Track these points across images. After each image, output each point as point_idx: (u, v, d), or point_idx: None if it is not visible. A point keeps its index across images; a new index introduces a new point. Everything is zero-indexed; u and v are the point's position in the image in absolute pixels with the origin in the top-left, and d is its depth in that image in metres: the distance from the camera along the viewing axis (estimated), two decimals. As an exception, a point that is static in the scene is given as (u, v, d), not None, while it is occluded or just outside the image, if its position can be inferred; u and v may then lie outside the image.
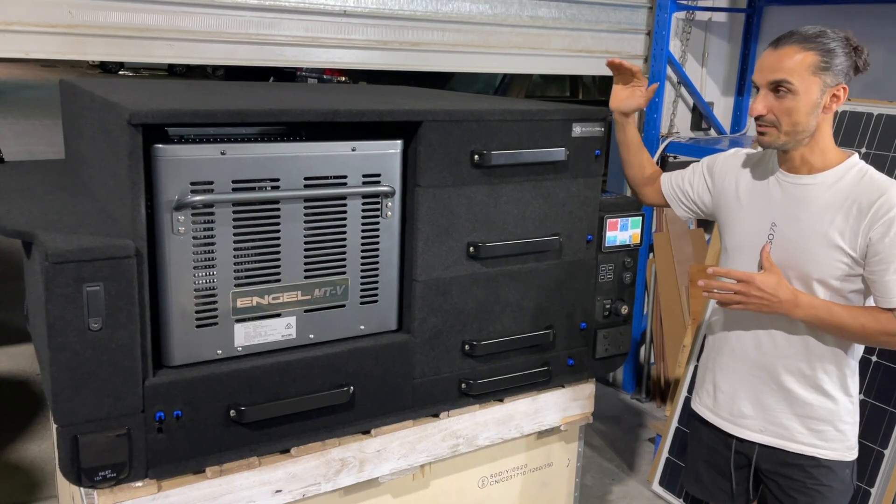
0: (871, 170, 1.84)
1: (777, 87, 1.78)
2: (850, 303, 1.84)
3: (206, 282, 1.72)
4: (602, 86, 8.27)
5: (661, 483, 3.34)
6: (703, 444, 2.16)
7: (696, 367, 3.27)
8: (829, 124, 1.85)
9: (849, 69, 1.80)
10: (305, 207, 1.80)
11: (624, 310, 2.33)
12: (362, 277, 1.93)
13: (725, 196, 2.05)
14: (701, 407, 2.14)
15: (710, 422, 2.11)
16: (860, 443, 2.00)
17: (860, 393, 2.70)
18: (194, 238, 1.68)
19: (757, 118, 1.83)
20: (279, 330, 1.84)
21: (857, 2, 3.59)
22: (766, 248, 1.87)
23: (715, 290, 1.84)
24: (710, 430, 2.12)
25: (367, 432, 1.99)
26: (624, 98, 2.17)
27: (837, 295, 1.84)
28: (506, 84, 8.16)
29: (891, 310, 1.77)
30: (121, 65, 20.79)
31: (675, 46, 4.10)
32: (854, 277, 1.82)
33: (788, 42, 1.79)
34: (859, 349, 1.95)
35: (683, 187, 2.17)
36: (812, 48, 1.77)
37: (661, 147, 4.00)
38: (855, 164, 1.84)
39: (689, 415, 2.22)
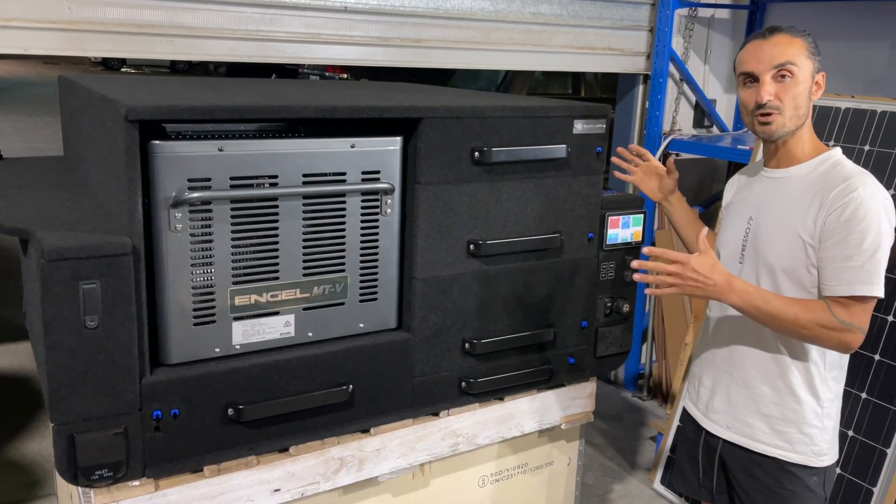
0: (846, 161, 1.83)
1: (781, 72, 1.79)
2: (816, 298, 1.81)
3: (204, 279, 1.70)
4: (604, 83, 8.25)
5: (663, 482, 3.33)
6: (686, 438, 2.17)
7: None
8: (810, 115, 1.87)
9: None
10: (304, 205, 1.79)
11: (625, 308, 2.32)
12: (361, 275, 1.92)
13: (726, 206, 2.10)
14: (687, 400, 2.16)
15: (690, 413, 2.13)
16: (862, 442, 1.98)
17: (863, 391, 2.69)
18: (192, 235, 1.67)
19: (759, 107, 1.81)
20: (278, 328, 1.82)
21: (860, -2, 3.57)
22: (703, 232, 1.81)
23: (651, 274, 1.76)
24: (691, 422, 2.13)
25: (366, 431, 1.97)
26: (657, 186, 2.24)
27: (802, 289, 1.82)
28: (508, 81, 8.16)
29: (832, 299, 1.74)
30: (123, 62, 20.80)
31: (677, 43, 4.08)
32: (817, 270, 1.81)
33: (777, 32, 1.81)
34: (832, 353, 1.87)
35: None
36: (799, 35, 1.81)
37: (664, 144, 3.99)
38: (831, 157, 1.84)
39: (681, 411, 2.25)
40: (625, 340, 2.37)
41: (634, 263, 1.79)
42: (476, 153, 1.94)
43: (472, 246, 2.00)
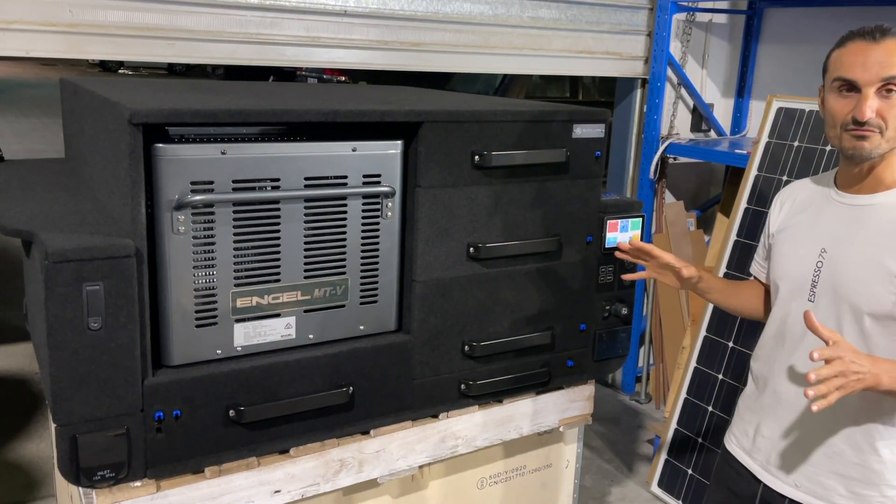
0: None
1: (888, 86, 1.55)
2: None
3: (206, 281, 1.71)
4: (602, 87, 8.27)
5: (660, 484, 3.34)
6: (725, 488, 1.93)
7: (695, 369, 3.27)
8: None
9: None
10: (305, 207, 1.80)
11: (623, 311, 2.33)
12: (362, 278, 1.93)
13: (780, 230, 1.84)
14: (736, 447, 1.91)
15: (743, 463, 1.88)
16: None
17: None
18: (194, 238, 1.68)
19: (857, 123, 1.58)
20: (279, 330, 1.83)
21: (858, 4, 3.59)
22: (809, 313, 1.53)
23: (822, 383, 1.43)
24: (741, 473, 1.88)
25: (366, 433, 1.98)
26: (674, 279, 1.94)
27: (889, 336, 1.61)
28: (506, 85, 8.16)
29: None
30: (120, 63, 20.77)
31: (675, 48, 4.10)
32: None
33: (890, 34, 1.56)
34: None
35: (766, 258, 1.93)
36: None
37: (661, 148, 4.01)
38: None
39: (721, 454, 1.98)
40: (623, 343, 2.38)
41: (812, 376, 1.42)
42: (476, 157, 1.96)
43: (471, 249, 2.01)
